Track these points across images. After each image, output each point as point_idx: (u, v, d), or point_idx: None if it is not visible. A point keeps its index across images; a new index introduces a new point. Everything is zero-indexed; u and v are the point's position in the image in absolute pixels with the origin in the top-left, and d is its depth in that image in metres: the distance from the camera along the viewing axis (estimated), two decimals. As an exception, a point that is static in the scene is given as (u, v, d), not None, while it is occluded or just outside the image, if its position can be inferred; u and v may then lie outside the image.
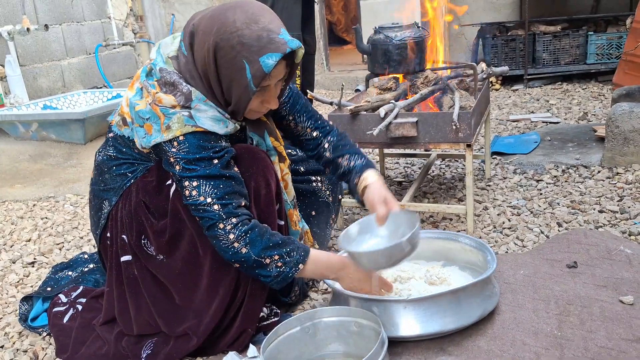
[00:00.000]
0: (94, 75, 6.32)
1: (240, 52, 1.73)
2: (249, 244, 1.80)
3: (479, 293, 1.96)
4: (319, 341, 1.89)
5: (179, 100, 1.79)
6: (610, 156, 3.34)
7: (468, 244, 2.23)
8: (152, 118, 1.80)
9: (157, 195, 1.94)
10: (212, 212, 1.78)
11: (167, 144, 1.80)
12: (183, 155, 1.79)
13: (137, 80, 1.90)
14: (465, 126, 2.54)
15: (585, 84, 5.88)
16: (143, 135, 1.84)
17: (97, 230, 2.07)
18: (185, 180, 1.79)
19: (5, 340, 2.23)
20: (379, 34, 2.89)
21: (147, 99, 1.83)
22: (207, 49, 1.76)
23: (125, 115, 1.94)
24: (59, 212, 3.61)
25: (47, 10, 5.82)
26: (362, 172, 2.11)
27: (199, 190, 1.78)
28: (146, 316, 2.01)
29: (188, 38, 1.82)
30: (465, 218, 2.75)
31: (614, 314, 1.95)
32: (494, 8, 6.73)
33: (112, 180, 2.01)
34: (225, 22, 1.74)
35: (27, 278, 2.74)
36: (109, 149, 2.02)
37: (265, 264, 1.82)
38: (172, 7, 7.57)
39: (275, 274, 1.84)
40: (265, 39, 1.74)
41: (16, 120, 4.88)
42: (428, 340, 1.90)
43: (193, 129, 1.79)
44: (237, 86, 1.79)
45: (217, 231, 1.79)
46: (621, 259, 2.30)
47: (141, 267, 1.99)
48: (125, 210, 1.98)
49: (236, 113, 1.88)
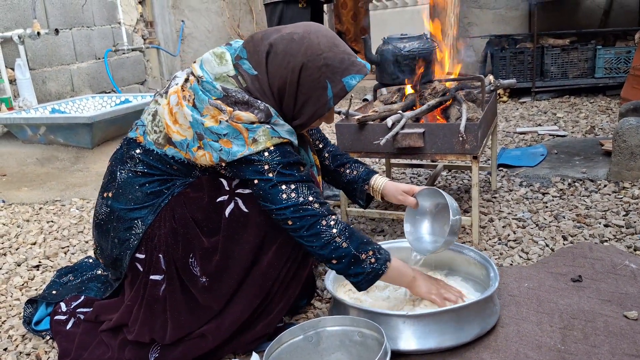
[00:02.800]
0: (103, 80, 6.35)
1: (325, 72, 1.87)
2: (349, 238, 1.86)
3: (480, 312, 1.96)
4: (322, 350, 1.89)
5: (259, 117, 1.84)
6: (617, 170, 3.34)
7: (472, 257, 2.24)
8: (232, 134, 1.83)
9: (209, 211, 1.92)
10: (314, 210, 1.85)
11: (257, 155, 1.83)
12: (278, 160, 1.84)
13: (184, 96, 1.89)
14: (472, 138, 2.54)
15: (593, 98, 5.87)
16: (219, 148, 1.84)
17: (127, 252, 1.98)
18: (282, 185, 1.84)
19: (8, 343, 2.24)
20: (387, 44, 2.89)
21: (218, 116, 1.83)
22: (291, 68, 1.86)
23: (174, 134, 1.91)
24: (64, 215, 3.62)
25: (57, 15, 5.86)
26: (369, 178, 2.28)
27: (298, 192, 1.85)
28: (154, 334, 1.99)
29: (260, 57, 1.89)
30: (471, 229, 2.75)
31: (618, 328, 1.94)
32: (503, 20, 6.74)
33: (144, 197, 1.95)
34: (311, 45, 1.87)
35: (31, 281, 2.75)
36: (137, 166, 1.97)
37: (362, 260, 1.88)
38: (182, 14, 7.60)
39: (369, 270, 1.89)
40: (347, 62, 1.89)
41: (24, 123, 4.91)
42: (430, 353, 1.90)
43: (280, 140, 1.85)
44: (315, 103, 1.91)
45: (320, 228, 1.84)
46: (626, 274, 2.29)
47: (172, 287, 1.94)
48: (165, 228, 1.93)
49: (300, 127, 1.99)
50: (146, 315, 1.98)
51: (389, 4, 6.50)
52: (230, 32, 7.88)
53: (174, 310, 1.95)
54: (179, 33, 7.56)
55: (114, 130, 5.00)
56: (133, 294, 2.02)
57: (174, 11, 7.57)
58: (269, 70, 1.89)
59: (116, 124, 4.96)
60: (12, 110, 5.13)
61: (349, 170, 2.32)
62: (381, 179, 2.27)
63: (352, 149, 2.76)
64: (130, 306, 2.04)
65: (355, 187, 2.31)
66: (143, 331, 1.99)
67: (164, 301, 1.95)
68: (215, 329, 1.95)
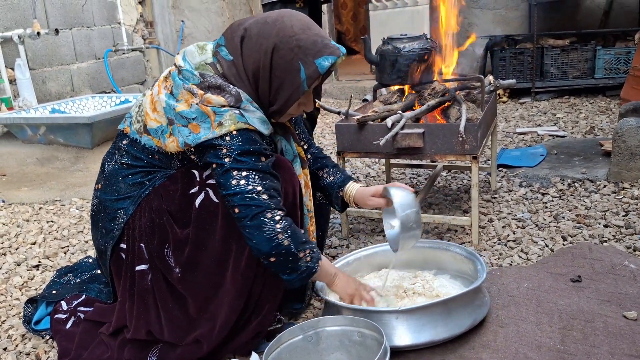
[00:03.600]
0: (103, 80, 6.35)
1: (298, 54, 1.86)
2: (291, 236, 1.85)
3: (470, 303, 1.98)
4: (322, 350, 1.89)
5: (229, 101, 1.85)
6: (617, 171, 3.34)
7: (459, 253, 2.25)
8: (200, 117, 1.83)
9: (182, 203, 1.93)
10: (260, 200, 1.82)
11: (218, 139, 1.83)
12: (237, 146, 1.83)
13: (166, 85, 1.93)
14: (472, 138, 2.54)
15: (592, 99, 5.88)
16: (188, 134, 1.85)
17: (110, 242, 2.02)
18: (234, 171, 1.82)
19: (8, 343, 2.24)
20: (387, 44, 2.89)
21: (190, 100, 1.85)
22: (264, 50, 1.86)
23: (151, 121, 1.94)
24: (64, 215, 3.62)
25: (57, 15, 5.86)
26: (344, 185, 2.30)
27: (248, 180, 1.83)
28: (151, 327, 1.99)
29: (235, 42, 1.91)
30: (470, 230, 2.75)
31: (617, 329, 1.94)
32: (503, 21, 6.74)
33: (128, 188, 1.99)
34: (283, 27, 1.87)
35: (31, 281, 2.75)
36: (122, 157, 2.01)
37: (299, 258, 1.88)
38: (182, 14, 7.60)
39: (304, 269, 1.90)
40: (320, 44, 1.88)
41: (24, 123, 4.91)
42: (429, 352, 1.90)
43: (245, 125, 1.85)
44: (289, 86, 1.89)
45: (264, 220, 1.82)
46: (625, 274, 2.29)
47: (157, 277, 1.96)
48: (145, 219, 1.96)
49: (277, 114, 1.97)
50: (139, 307, 1.99)
51: (388, 4, 6.50)
52: (230, 32, 7.87)
53: (163, 302, 1.97)
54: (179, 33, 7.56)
55: (113, 130, 4.96)
56: (121, 288, 2.04)
57: (174, 11, 7.57)
58: (244, 54, 1.90)
59: (116, 124, 4.87)
60: (12, 110, 5.13)
61: (326, 175, 2.33)
62: (353, 186, 2.28)
63: (352, 149, 2.77)
64: (122, 302, 2.05)
65: (331, 192, 2.32)
66: (139, 325, 2.00)
67: (153, 291, 1.97)
68: (207, 334, 1.95)
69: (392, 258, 2.23)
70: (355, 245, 2.85)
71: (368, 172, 4.02)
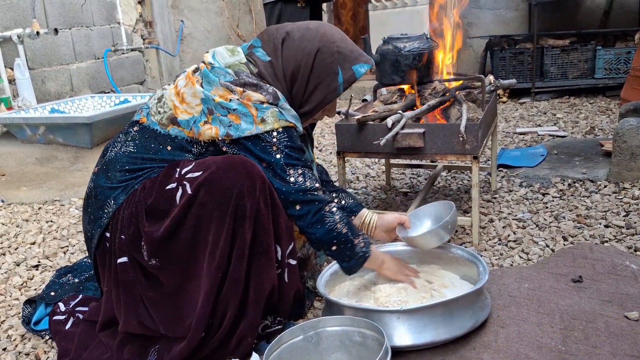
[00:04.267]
0: (102, 80, 6.35)
1: (338, 59, 2.02)
2: (347, 224, 2.01)
3: (472, 305, 1.98)
4: (322, 350, 1.88)
5: (268, 99, 1.93)
6: (617, 171, 3.33)
7: (460, 255, 2.25)
8: (241, 110, 1.91)
9: (159, 198, 1.91)
10: (320, 196, 1.97)
11: (266, 134, 1.92)
12: (286, 143, 1.94)
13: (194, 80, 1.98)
14: (472, 138, 2.53)
15: (592, 99, 5.87)
16: (228, 123, 1.92)
17: (98, 230, 2.01)
18: (290, 168, 1.94)
19: (7, 343, 2.23)
20: (387, 44, 2.89)
21: (228, 96, 1.92)
22: (308, 52, 2.00)
23: (182, 113, 1.97)
24: (64, 215, 3.61)
25: (57, 15, 5.85)
26: (357, 210, 2.37)
27: (305, 177, 1.95)
28: (142, 318, 1.98)
29: (275, 44, 2.02)
30: (471, 230, 2.75)
31: (619, 329, 1.94)
32: (502, 21, 6.74)
33: (122, 175, 1.99)
34: (325, 34, 2.03)
35: (30, 281, 2.74)
36: (128, 144, 2.02)
37: (355, 244, 2.03)
38: (182, 14, 7.60)
39: (360, 254, 2.04)
40: (356, 52, 2.06)
41: (24, 123, 4.90)
42: (430, 352, 1.90)
43: (287, 123, 1.95)
44: (325, 88, 2.03)
45: (324, 214, 1.97)
46: (627, 275, 2.29)
47: (136, 269, 1.96)
48: (127, 211, 1.95)
49: (306, 115, 2.09)
50: (127, 299, 1.99)
51: (388, 4, 6.49)
52: (230, 32, 7.88)
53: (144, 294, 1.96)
54: (178, 33, 7.56)
55: (113, 130, 4.99)
56: (107, 278, 2.04)
57: (174, 11, 7.57)
58: (284, 55, 2.01)
59: (115, 124, 4.94)
60: (11, 110, 5.13)
61: (337, 200, 2.38)
62: (370, 213, 2.37)
63: (352, 149, 2.76)
64: (109, 292, 2.04)
65: None
66: (129, 318, 1.99)
67: (135, 283, 1.96)
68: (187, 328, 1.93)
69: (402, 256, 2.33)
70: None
71: (368, 173, 4.01)
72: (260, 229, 1.90)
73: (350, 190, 3.64)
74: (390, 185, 3.67)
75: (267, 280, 1.93)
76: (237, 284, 1.90)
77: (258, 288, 1.93)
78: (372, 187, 3.71)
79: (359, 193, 3.60)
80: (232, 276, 1.89)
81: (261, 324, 2.04)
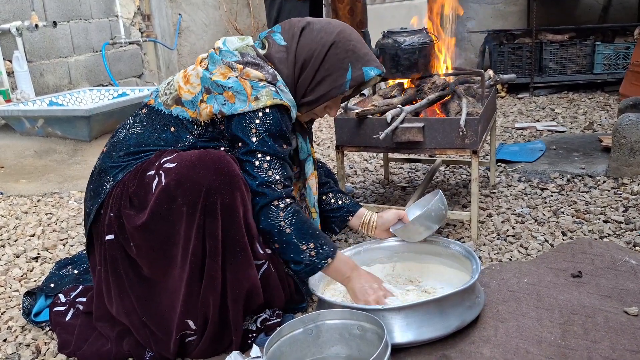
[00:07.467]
0: (100, 73, 6.33)
1: (350, 56, 2.05)
2: (294, 225, 1.96)
3: (460, 303, 1.94)
4: (322, 343, 1.88)
5: (266, 77, 1.97)
6: (616, 166, 3.34)
7: (457, 251, 2.22)
8: (236, 88, 1.94)
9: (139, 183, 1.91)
10: (275, 190, 1.95)
11: (252, 114, 1.94)
12: (267, 126, 1.95)
13: (202, 64, 2.05)
14: (472, 133, 2.54)
15: (591, 94, 5.88)
16: (223, 101, 1.95)
17: (95, 205, 2.02)
18: (259, 153, 1.95)
19: (8, 334, 2.24)
20: (387, 38, 2.89)
21: (228, 73, 1.97)
22: (323, 43, 2.03)
23: (185, 93, 2.02)
24: (63, 208, 3.61)
25: (55, 7, 5.83)
26: (355, 210, 2.39)
27: (270, 165, 1.96)
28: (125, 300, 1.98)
29: (294, 30, 2.07)
30: (470, 225, 2.75)
31: (618, 324, 1.94)
32: (501, 15, 6.74)
33: (124, 157, 2.03)
34: (344, 31, 2.07)
35: (30, 273, 2.74)
36: (135, 125, 2.08)
37: (301, 250, 1.96)
38: (179, 7, 7.57)
39: (307, 262, 1.97)
40: (369, 56, 2.10)
41: (22, 115, 4.89)
42: (430, 347, 1.90)
43: (280, 102, 1.97)
44: (332, 81, 2.05)
45: (271, 208, 1.95)
46: (626, 270, 2.30)
47: (121, 248, 1.95)
48: (118, 189, 1.96)
49: (307, 105, 2.11)
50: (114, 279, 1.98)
51: (386, -2, 6.49)
52: (227, 25, 7.86)
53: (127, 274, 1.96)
54: (176, 26, 7.53)
55: (111, 123, 4.98)
56: (98, 255, 2.04)
57: (171, 4, 7.54)
58: (300, 42, 2.05)
59: (114, 117, 4.94)
60: (9, 103, 5.11)
61: (333, 200, 2.41)
62: (369, 212, 2.38)
63: (351, 143, 2.76)
64: (100, 270, 2.03)
65: (337, 214, 2.40)
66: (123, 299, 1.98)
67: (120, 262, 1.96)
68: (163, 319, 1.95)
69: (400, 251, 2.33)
70: (353, 240, 2.84)
71: (366, 167, 4.01)
72: (232, 227, 1.87)
73: (349, 184, 3.64)
74: (388, 180, 3.68)
75: (244, 279, 1.90)
76: (214, 281, 1.88)
77: (235, 287, 1.91)
78: (370, 182, 3.71)
79: (357, 187, 3.60)
80: (208, 274, 1.88)
81: (259, 317, 2.06)
